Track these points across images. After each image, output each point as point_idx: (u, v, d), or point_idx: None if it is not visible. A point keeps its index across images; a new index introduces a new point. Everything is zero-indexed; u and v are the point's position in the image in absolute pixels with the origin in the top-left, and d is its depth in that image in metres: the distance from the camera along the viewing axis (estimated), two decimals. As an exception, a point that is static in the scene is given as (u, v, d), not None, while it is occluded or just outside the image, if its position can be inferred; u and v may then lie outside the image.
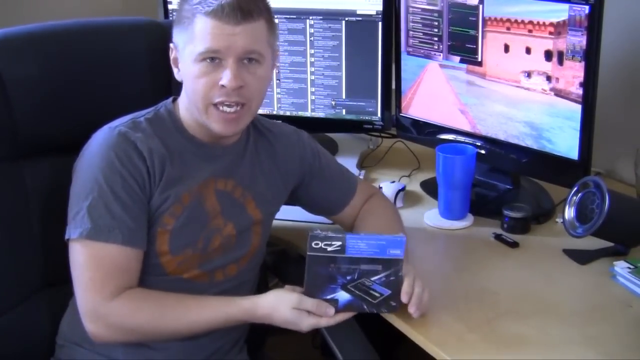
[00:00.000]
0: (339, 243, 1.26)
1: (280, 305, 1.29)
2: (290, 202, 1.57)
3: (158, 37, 1.55)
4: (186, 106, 1.39)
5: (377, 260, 1.27)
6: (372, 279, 1.28)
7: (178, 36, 1.35)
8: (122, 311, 1.30)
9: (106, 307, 1.29)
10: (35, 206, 1.46)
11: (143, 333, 1.32)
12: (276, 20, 1.41)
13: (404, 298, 1.29)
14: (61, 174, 1.38)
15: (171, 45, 1.38)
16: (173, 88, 1.47)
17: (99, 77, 1.53)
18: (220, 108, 1.32)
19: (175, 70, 1.39)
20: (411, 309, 1.30)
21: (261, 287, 1.58)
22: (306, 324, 1.29)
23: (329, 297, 1.28)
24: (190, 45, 1.31)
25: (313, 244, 1.26)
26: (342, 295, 1.28)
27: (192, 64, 1.32)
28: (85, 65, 1.51)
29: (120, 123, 1.36)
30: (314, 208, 1.61)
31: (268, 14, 1.35)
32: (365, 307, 1.30)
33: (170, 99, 1.43)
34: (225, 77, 1.30)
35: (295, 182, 1.53)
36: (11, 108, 1.42)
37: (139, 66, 1.56)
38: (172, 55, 1.39)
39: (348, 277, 1.28)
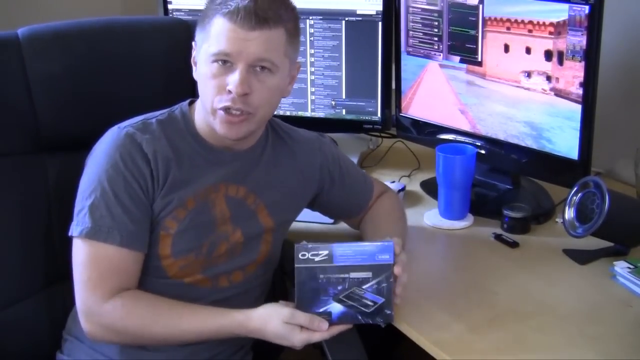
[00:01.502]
0: (326, 252, 1.25)
1: (272, 319, 1.26)
2: (310, 208, 1.56)
3: (184, 37, 1.53)
4: (200, 109, 1.38)
5: (366, 267, 1.26)
6: (364, 287, 1.26)
7: (198, 34, 1.35)
8: (114, 313, 1.29)
9: (100, 307, 1.29)
10: (54, 200, 1.48)
11: (134, 336, 1.31)
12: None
13: (398, 290, 1.28)
14: (81, 170, 1.38)
15: (193, 43, 1.38)
16: (197, 90, 1.45)
17: (123, 76, 1.53)
18: (226, 110, 1.32)
19: (194, 68, 1.38)
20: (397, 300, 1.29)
21: (277, 293, 1.57)
22: (298, 338, 1.25)
23: (321, 309, 1.26)
24: (206, 45, 1.31)
25: (300, 256, 1.25)
26: (335, 307, 1.26)
27: (205, 64, 1.31)
28: (110, 63, 1.52)
29: (129, 123, 1.36)
30: (332, 214, 1.61)
31: (291, 23, 1.33)
32: (359, 317, 1.27)
33: (188, 101, 1.42)
34: (232, 82, 1.28)
35: (315, 190, 1.52)
36: (34, 103, 1.44)
37: (164, 66, 1.56)
38: (193, 53, 1.38)
39: (339, 287, 1.26)
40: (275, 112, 1.99)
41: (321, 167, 1.51)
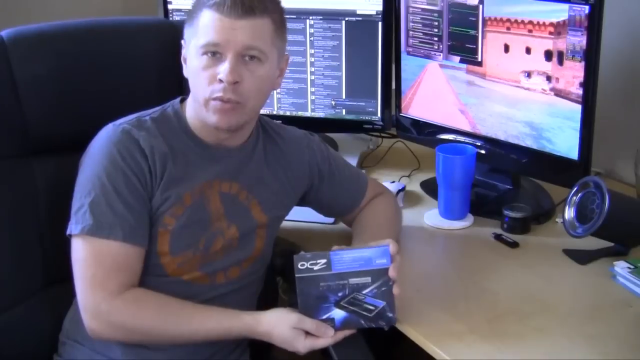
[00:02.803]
0: (324, 260, 1.27)
1: (280, 324, 1.29)
2: (302, 204, 1.57)
3: (170, 37, 1.54)
4: (192, 105, 1.39)
5: (364, 272, 1.27)
6: (364, 292, 1.28)
7: (187, 32, 1.36)
8: (125, 311, 1.29)
9: (109, 304, 1.29)
10: (44, 203, 1.47)
11: (143, 334, 1.32)
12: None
13: (391, 273, 1.28)
14: (71, 173, 1.38)
15: (182, 42, 1.39)
16: (184, 89, 1.46)
17: (110, 77, 1.53)
18: (217, 100, 1.32)
19: (184, 66, 1.39)
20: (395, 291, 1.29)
21: (269, 290, 1.58)
22: (302, 344, 1.27)
23: (324, 316, 1.28)
24: (195, 39, 1.32)
25: (299, 266, 1.27)
26: (337, 314, 1.28)
27: (195, 57, 1.32)
28: (97, 64, 1.51)
29: (124, 121, 1.37)
30: (325, 211, 1.62)
31: (277, 15, 1.34)
32: (362, 322, 1.29)
33: (179, 98, 1.43)
34: (223, 71, 1.29)
35: (305, 186, 1.53)
36: (21, 106, 1.44)
37: (150, 66, 1.56)
38: (183, 52, 1.39)
39: (339, 294, 1.27)
40: (275, 112, 2.03)
41: (310, 164, 1.52)
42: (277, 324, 1.29)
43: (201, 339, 1.33)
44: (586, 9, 1.52)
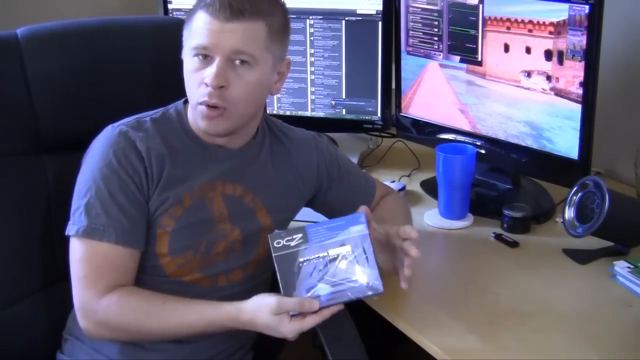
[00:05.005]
0: (300, 235, 1.23)
1: (261, 311, 1.23)
2: (310, 208, 1.55)
3: (181, 35, 1.54)
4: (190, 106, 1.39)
5: (344, 241, 1.24)
6: (346, 262, 1.23)
7: (184, 32, 1.36)
8: (109, 308, 1.29)
9: (95, 303, 1.29)
10: (54, 199, 1.48)
11: (129, 331, 1.31)
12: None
13: (412, 252, 1.25)
14: (79, 169, 1.38)
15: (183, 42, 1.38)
16: None
17: (122, 75, 1.53)
18: (203, 105, 1.31)
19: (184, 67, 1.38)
20: (403, 283, 1.28)
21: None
22: (288, 329, 1.21)
23: (309, 294, 1.22)
24: (189, 40, 1.32)
25: (275, 244, 1.23)
26: (323, 289, 1.22)
27: (188, 59, 1.32)
28: (108, 63, 1.52)
29: (123, 122, 1.36)
30: (334, 215, 1.60)
31: (275, 18, 1.32)
32: (349, 294, 1.23)
33: (183, 100, 1.42)
34: (209, 75, 1.28)
35: (312, 189, 1.51)
36: (33, 103, 1.45)
37: (162, 65, 1.55)
38: (182, 53, 1.38)
39: (321, 268, 1.23)
40: (275, 112, 2.03)
41: (318, 167, 1.50)
42: (258, 311, 1.24)
43: (187, 332, 1.30)
44: (586, 8, 1.52)
